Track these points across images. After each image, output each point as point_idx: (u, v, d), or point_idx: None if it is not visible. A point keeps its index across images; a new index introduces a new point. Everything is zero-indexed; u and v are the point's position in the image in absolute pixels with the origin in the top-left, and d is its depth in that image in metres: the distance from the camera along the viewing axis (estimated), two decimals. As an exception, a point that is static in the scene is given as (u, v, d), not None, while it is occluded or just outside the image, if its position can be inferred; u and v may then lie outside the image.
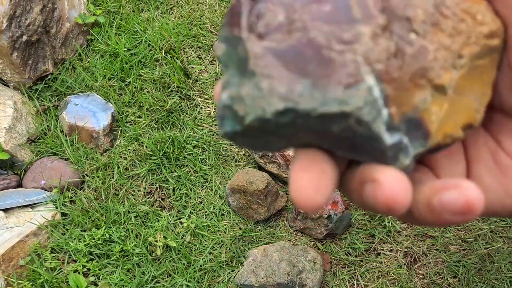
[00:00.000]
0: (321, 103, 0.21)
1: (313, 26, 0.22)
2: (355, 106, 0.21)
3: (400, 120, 0.22)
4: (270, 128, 0.22)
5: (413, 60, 0.22)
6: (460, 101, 0.24)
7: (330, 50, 0.21)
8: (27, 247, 1.38)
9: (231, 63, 0.24)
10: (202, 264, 1.40)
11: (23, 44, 1.57)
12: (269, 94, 0.21)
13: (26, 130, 1.58)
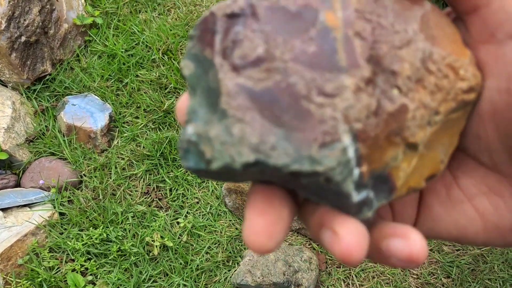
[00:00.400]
0: (293, 160, 0.20)
1: (294, 70, 0.21)
2: (327, 167, 0.20)
3: (369, 177, 0.22)
4: (236, 173, 0.21)
5: (391, 119, 0.22)
6: (428, 155, 0.24)
7: (309, 102, 0.21)
8: (26, 246, 1.39)
9: (199, 88, 0.22)
10: (199, 264, 1.42)
11: (21, 45, 1.58)
12: (239, 142, 0.20)
13: (25, 130, 1.59)
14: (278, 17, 0.21)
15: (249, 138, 0.20)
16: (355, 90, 0.21)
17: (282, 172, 0.20)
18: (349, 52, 0.21)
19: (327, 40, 0.21)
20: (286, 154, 0.20)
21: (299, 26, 0.21)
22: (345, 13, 0.22)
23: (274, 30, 0.21)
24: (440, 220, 0.26)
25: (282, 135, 0.20)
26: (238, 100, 0.21)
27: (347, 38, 0.21)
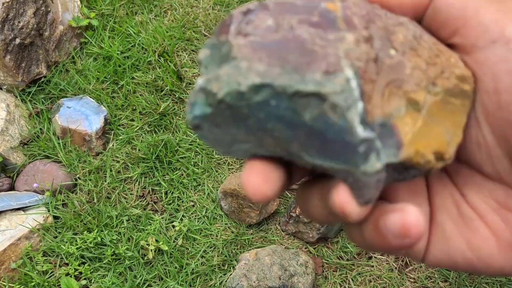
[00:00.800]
0: (298, 82, 0.21)
1: (300, 27, 0.22)
2: (331, 90, 0.21)
3: (374, 121, 0.22)
4: (241, 111, 0.22)
5: (390, 70, 0.23)
6: (433, 126, 0.24)
7: (313, 44, 0.22)
8: (19, 250, 1.37)
9: (212, 63, 0.23)
10: (194, 268, 1.41)
11: (16, 47, 1.57)
12: (247, 71, 0.21)
13: (19, 133, 1.58)
14: (286, 7, 0.23)
15: (256, 67, 0.21)
16: (355, 40, 0.22)
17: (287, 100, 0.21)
18: (348, 22, 0.23)
19: (328, 16, 0.23)
20: (291, 78, 0.21)
21: (304, 11, 0.23)
22: (343, 3, 0.24)
23: (282, 13, 0.23)
24: (453, 240, 0.26)
25: (288, 68, 0.21)
26: (248, 48, 0.22)
27: (345, 15, 0.23)
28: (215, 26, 1.86)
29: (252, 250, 1.43)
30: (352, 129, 0.21)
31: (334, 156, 0.22)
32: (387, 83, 0.23)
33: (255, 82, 0.21)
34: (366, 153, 0.21)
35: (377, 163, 0.22)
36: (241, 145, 0.24)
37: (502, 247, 0.25)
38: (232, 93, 0.21)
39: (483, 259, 0.25)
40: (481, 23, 0.23)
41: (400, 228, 0.22)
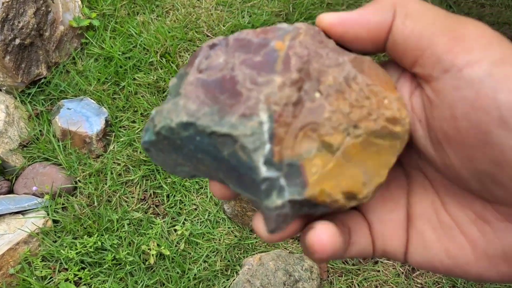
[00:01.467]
0: (216, 123, 0.24)
1: (239, 69, 0.26)
2: (242, 133, 0.24)
3: (281, 161, 0.24)
4: (176, 142, 0.26)
5: (309, 113, 0.25)
6: (348, 167, 0.26)
7: (242, 87, 0.25)
8: (18, 255, 1.35)
9: (172, 93, 0.27)
10: (197, 273, 1.37)
11: (16, 48, 1.54)
12: (181, 109, 0.25)
13: (18, 135, 1.55)
14: (241, 44, 0.27)
15: (188, 106, 0.25)
16: (280, 84, 0.25)
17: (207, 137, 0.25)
18: (285, 63, 0.26)
19: (271, 55, 0.26)
20: (212, 120, 0.24)
21: (255, 49, 0.27)
22: (291, 42, 0.27)
23: (236, 50, 0.27)
24: (432, 247, 0.28)
25: (215, 109, 0.25)
26: (192, 86, 0.26)
27: (287, 55, 0.26)
28: (218, 27, 1.83)
29: (256, 254, 1.39)
30: (256, 169, 0.24)
31: (248, 188, 0.25)
32: (302, 126, 0.25)
33: (182, 120, 0.25)
34: (268, 190, 0.24)
35: (277, 200, 0.24)
36: (183, 168, 0.28)
37: (478, 256, 0.26)
38: (166, 128, 0.26)
39: (460, 266, 0.27)
40: (434, 54, 0.24)
41: (309, 245, 0.25)
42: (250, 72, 0.25)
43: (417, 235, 0.29)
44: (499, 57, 0.22)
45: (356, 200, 0.26)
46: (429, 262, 0.28)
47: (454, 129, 0.24)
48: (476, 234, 0.26)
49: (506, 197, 0.24)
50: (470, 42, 0.23)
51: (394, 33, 0.26)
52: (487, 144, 0.23)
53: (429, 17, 0.25)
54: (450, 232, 0.27)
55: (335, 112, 0.25)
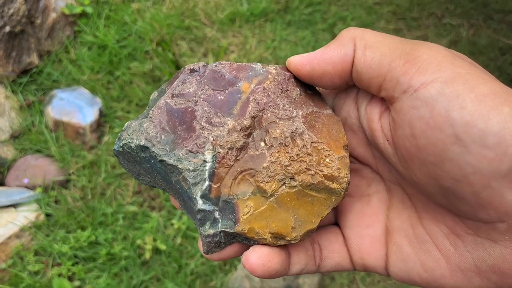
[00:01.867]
0: (166, 154, 0.28)
1: (201, 104, 0.29)
2: (185, 167, 0.27)
3: (218, 197, 0.28)
4: (136, 158, 0.30)
5: (250, 160, 0.28)
6: (280, 213, 0.28)
7: (197, 124, 0.28)
8: (9, 250, 1.30)
9: (148, 107, 0.31)
10: (194, 268, 1.33)
11: (6, 36, 1.49)
12: (142, 132, 0.29)
13: (10, 126, 1.50)
14: (215, 77, 0.30)
15: (149, 131, 0.29)
16: (231, 128, 0.28)
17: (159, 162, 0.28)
18: (243, 108, 0.29)
19: (235, 97, 0.29)
20: (164, 149, 0.28)
21: (224, 85, 0.30)
22: (255, 87, 0.30)
23: (208, 83, 0.30)
24: (409, 261, 0.30)
25: (170, 139, 0.28)
26: (160, 111, 0.29)
27: (247, 99, 0.29)
28: (215, 14, 1.77)
29: (254, 249, 1.35)
30: (194, 200, 0.28)
31: (190, 213, 0.29)
32: (241, 170, 0.28)
33: (140, 143, 0.28)
34: (202, 220, 0.28)
35: (210, 230, 0.28)
36: (145, 178, 0.32)
37: (452, 269, 0.28)
38: (127, 146, 0.29)
39: (437, 280, 0.28)
40: (393, 77, 0.26)
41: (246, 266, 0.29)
42: (208, 111, 0.29)
43: (396, 249, 0.31)
44: (450, 76, 0.23)
45: (284, 240, 0.29)
46: (408, 276, 0.30)
47: (415, 147, 0.25)
48: (449, 248, 0.28)
49: (471, 212, 0.25)
50: (423, 64, 0.25)
51: (357, 64, 0.28)
52: (445, 161, 0.24)
53: (385, 45, 0.27)
54: (425, 246, 0.29)
55: (274, 163, 0.28)
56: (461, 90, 0.23)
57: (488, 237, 0.26)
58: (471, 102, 0.22)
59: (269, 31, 1.76)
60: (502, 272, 0.25)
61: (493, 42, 1.76)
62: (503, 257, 0.25)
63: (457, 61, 0.24)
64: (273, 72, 0.31)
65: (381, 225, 0.32)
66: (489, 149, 0.22)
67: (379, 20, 1.82)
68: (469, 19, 1.83)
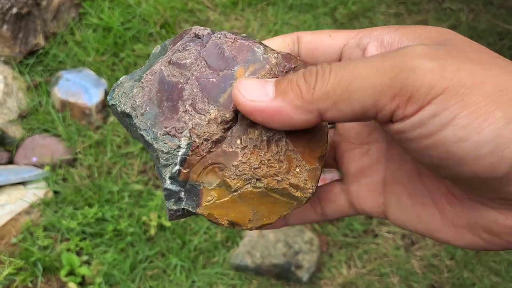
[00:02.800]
0: (145, 129, 0.29)
1: (192, 83, 0.29)
2: (160, 148, 0.29)
3: (186, 181, 0.29)
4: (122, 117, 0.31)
5: (222, 155, 0.29)
6: (240, 206, 0.30)
7: (182, 105, 0.29)
8: (20, 225, 1.35)
9: (149, 62, 0.32)
10: (197, 244, 1.38)
11: (13, 17, 1.52)
12: (130, 98, 0.30)
13: (17, 106, 1.54)
14: (214, 52, 0.30)
15: (136, 99, 0.29)
16: (212, 119, 0.29)
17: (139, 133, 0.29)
18: (228, 99, 0.29)
19: (226, 83, 0.29)
20: (145, 124, 0.29)
21: (220, 64, 0.30)
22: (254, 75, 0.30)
23: (206, 57, 0.30)
24: (407, 211, 0.31)
25: (154, 112, 0.29)
26: (153, 78, 0.30)
27: None
28: (219, -3, 1.79)
29: (256, 226, 1.40)
30: (163, 179, 0.29)
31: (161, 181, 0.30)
32: (212, 163, 0.29)
33: (126, 110, 0.29)
34: (167, 196, 0.30)
35: (173, 206, 0.30)
36: (132, 133, 0.32)
37: (446, 224, 0.29)
38: (114, 106, 0.30)
39: (430, 232, 0.30)
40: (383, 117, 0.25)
41: None
42: (196, 93, 0.29)
43: (395, 199, 0.32)
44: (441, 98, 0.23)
45: (238, 227, 0.31)
46: (404, 224, 0.32)
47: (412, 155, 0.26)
48: (446, 205, 0.29)
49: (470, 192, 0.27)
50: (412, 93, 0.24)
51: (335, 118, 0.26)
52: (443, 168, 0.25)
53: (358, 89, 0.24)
54: (423, 200, 0.30)
55: (244, 163, 0.29)
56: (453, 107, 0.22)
57: (484, 204, 0.27)
58: (463, 118, 0.22)
59: (271, 14, 1.78)
60: (493, 233, 0.27)
61: (492, 27, 1.79)
62: (496, 220, 0.26)
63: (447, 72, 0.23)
64: (273, 62, 0.30)
65: (379, 175, 0.33)
66: (484, 158, 0.22)
67: (379, 5, 1.84)
68: (469, 3, 1.85)
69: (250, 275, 1.35)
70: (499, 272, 1.40)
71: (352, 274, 1.39)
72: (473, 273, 1.40)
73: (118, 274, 1.32)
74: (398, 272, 1.39)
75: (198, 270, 1.36)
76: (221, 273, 1.36)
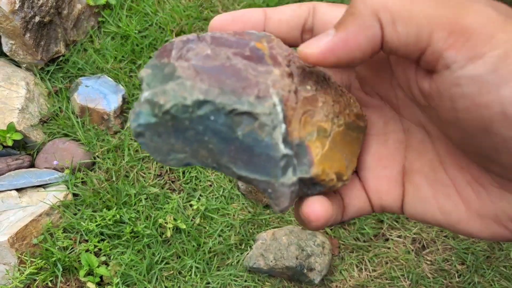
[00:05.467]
0: (235, 102, 0.25)
1: (235, 58, 0.27)
2: (262, 111, 0.25)
3: (293, 141, 0.27)
4: (183, 122, 0.26)
5: (307, 102, 0.28)
6: (335, 151, 0.29)
7: (247, 73, 0.26)
8: (40, 226, 1.40)
9: (154, 80, 0.27)
10: (212, 246, 1.42)
11: (35, 25, 1.57)
12: (191, 88, 0.25)
13: (39, 111, 1.59)
14: (221, 41, 0.28)
15: (199, 86, 0.25)
16: (280, 74, 0.27)
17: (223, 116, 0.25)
18: (274, 59, 0.28)
19: (257, 52, 0.28)
20: (229, 99, 0.25)
21: (237, 46, 0.28)
22: (269, 44, 0.29)
23: (219, 45, 0.28)
24: (427, 202, 0.30)
25: (226, 90, 0.25)
26: (191, 70, 0.26)
27: (271, 53, 0.28)
28: (232, 6, 1.84)
29: (269, 230, 1.43)
30: (276, 146, 0.26)
31: (258, 169, 0.26)
32: (303, 112, 0.27)
33: (199, 98, 0.25)
34: (285, 167, 0.26)
35: (293, 177, 0.26)
36: (177, 155, 0.28)
37: (471, 215, 0.28)
38: (178, 105, 0.25)
39: (452, 223, 0.29)
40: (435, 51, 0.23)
41: (304, 216, 0.28)
42: (247, 63, 0.27)
43: (413, 189, 0.31)
44: (502, 52, 0.21)
45: (341, 182, 0.29)
46: (422, 215, 0.30)
47: (455, 118, 0.24)
48: (471, 195, 0.28)
49: (503, 173, 0.25)
50: (472, 36, 0.22)
51: (389, 43, 0.25)
52: (488, 134, 0.23)
53: (419, 13, 0.23)
54: (446, 190, 0.29)
55: (325, 103, 0.29)
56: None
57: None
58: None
59: (284, 22, 1.82)
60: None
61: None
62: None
63: (509, 27, 0.22)
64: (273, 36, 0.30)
65: (398, 165, 0.32)
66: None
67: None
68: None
69: (263, 277, 1.38)
70: (509, 277, 1.42)
71: (363, 277, 1.42)
72: (483, 278, 1.42)
73: (135, 275, 1.36)
74: (409, 276, 1.42)
75: (213, 271, 1.39)
76: (235, 275, 1.39)
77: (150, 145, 0.27)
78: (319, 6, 0.31)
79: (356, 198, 0.32)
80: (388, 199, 0.32)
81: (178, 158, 0.28)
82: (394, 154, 0.32)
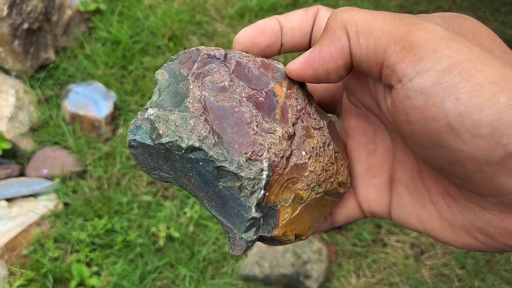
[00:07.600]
0: (225, 159, 0.26)
1: (246, 105, 0.28)
2: (246, 176, 0.27)
3: (266, 204, 0.28)
4: (174, 156, 0.27)
5: (295, 169, 0.29)
6: (304, 215, 0.30)
7: (249, 128, 0.28)
8: (30, 237, 1.37)
9: (166, 91, 0.28)
10: (206, 255, 1.39)
11: (24, 32, 1.55)
12: (191, 130, 0.26)
13: (29, 119, 1.56)
14: (243, 72, 0.29)
15: (200, 131, 0.26)
16: (281, 136, 0.28)
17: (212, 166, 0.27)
18: (284, 113, 0.29)
19: (272, 99, 0.29)
20: (221, 154, 0.26)
21: (256, 84, 0.29)
22: (287, 91, 0.30)
23: (239, 76, 0.29)
24: (406, 210, 0.32)
25: (225, 141, 0.27)
26: (200, 104, 0.27)
27: (285, 104, 0.30)
28: (225, 9, 1.82)
29: (264, 236, 1.40)
30: (248, 209, 0.27)
31: (227, 216, 0.28)
32: (288, 179, 0.29)
33: (194, 145, 0.26)
34: (250, 227, 0.28)
35: (254, 236, 0.28)
36: (161, 173, 0.29)
37: (443, 225, 0.29)
38: (174, 144, 0.26)
39: (428, 231, 0.30)
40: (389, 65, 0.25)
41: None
42: (256, 114, 0.28)
43: (396, 197, 0.33)
44: (446, 65, 0.23)
45: (299, 239, 0.31)
46: (404, 223, 0.32)
47: (411, 131, 0.26)
48: (443, 205, 0.29)
49: (464, 185, 0.26)
50: (419, 51, 0.24)
51: (354, 54, 0.27)
52: (439, 147, 0.24)
53: (378, 28, 0.25)
54: (422, 199, 0.31)
55: (312, 172, 0.30)
56: (457, 80, 0.22)
57: (478, 205, 0.27)
58: (467, 93, 0.22)
59: (278, 25, 1.79)
60: (488, 234, 0.27)
61: (500, 34, 1.78)
62: (490, 222, 0.26)
63: (455, 44, 0.23)
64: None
65: (386, 174, 0.34)
66: (482, 139, 0.22)
67: (386, 14, 1.85)
68: (476, 11, 1.85)
69: (259, 285, 1.35)
70: (510, 281, 1.39)
71: (361, 284, 1.38)
72: (484, 282, 1.39)
73: (128, 285, 1.32)
74: (408, 281, 1.38)
75: (207, 280, 1.36)
76: (230, 283, 1.36)
77: (140, 158, 0.29)
78: (321, 11, 0.32)
79: (344, 206, 0.35)
80: (377, 206, 0.34)
81: (162, 175, 0.29)
82: (383, 163, 0.34)
